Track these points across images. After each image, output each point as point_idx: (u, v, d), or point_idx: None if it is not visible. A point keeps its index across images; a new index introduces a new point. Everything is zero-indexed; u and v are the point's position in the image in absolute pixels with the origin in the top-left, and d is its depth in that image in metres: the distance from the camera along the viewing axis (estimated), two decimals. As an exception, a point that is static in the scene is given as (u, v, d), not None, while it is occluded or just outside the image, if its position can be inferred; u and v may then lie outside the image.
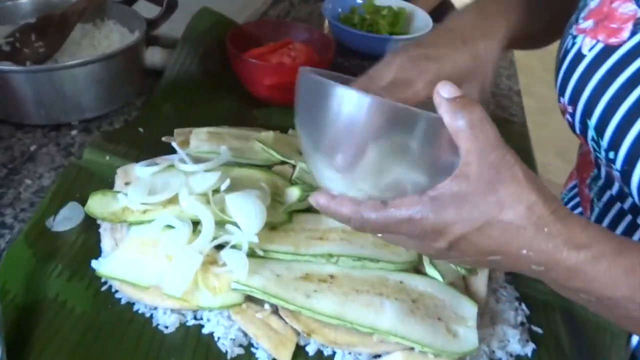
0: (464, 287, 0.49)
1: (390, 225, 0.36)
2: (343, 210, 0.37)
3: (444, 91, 0.35)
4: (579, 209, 0.61)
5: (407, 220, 0.35)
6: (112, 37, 0.74)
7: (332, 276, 0.47)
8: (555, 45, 0.59)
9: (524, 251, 0.34)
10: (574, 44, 0.47)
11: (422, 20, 0.94)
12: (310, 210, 0.53)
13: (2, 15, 0.72)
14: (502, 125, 0.81)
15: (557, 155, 2.12)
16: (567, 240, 0.34)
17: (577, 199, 0.63)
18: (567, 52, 0.48)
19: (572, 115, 0.47)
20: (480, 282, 0.50)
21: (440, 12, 1.31)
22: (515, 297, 0.51)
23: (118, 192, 0.52)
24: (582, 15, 0.47)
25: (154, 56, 0.77)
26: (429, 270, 0.49)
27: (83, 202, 0.53)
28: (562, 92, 0.48)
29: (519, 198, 0.34)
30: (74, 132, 0.65)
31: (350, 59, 0.89)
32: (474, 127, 0.34)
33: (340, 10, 0.95)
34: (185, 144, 0.60)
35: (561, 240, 0.34)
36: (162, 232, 0.48)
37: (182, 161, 0.54)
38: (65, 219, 0.52)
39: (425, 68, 0.43)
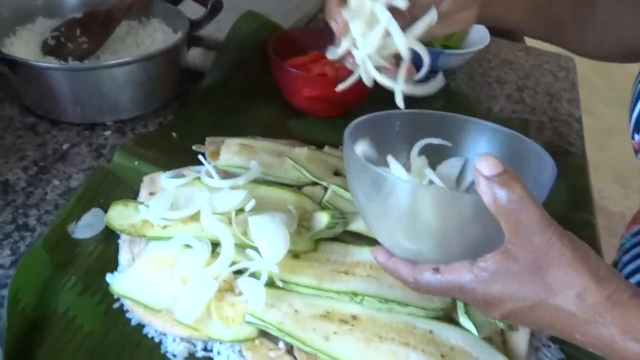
0: (501, 342, 0.44)
1: (444, 290, 0.36)
2: (400, 271, 0.39)
3: (483, 167, 0.32)
4: None
5: (459, 288, 0.35)
6: (156, 36, 0.73)
7: (354, 317, 0.43)
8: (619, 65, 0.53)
9: (578, 336, 0.30)
10: None
11: (478, 33, 0.88)
12: (337, 239, 0.50)
13: (50, 8, 0.72)
14: (558, 155, 0.74)
15: (614, 181, 1.98)
16: (624, 332, 0.31)
17: None
18: None
19: None
20: (520, 338, 0.45)
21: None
22: (559, 358, 0.46)
23: (140, 203, 0.50)
24: None
25: (195, 57, 0.76)
26: (463, 320, 0.44)
27: (107, 209, 0.51)
28: (638, 129, 0.42)
29: (568, 284, 0.31)
30: (107, 133, 0.64)
31: (398, 71, 0.84)
32: (516, 208, 0.31)
33: (392, 18, 0.90)
34: (215, 154, 0.58)
35: (617, 331, 0.31)
36: (180, 251, 0.46)
37: (209, 174, 0.52)
38: (87, 226, 0.51)
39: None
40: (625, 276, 0.54)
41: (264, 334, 0.42)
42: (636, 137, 0.43)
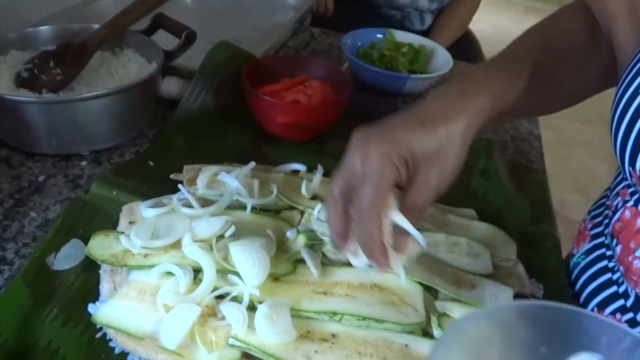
0: (473, 353, 0.47)
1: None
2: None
3: None
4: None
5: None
6: (130, 66, 0.74)
7: (334, 335, 0.45)
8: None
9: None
10: None
11: (442, 58, 0.93)
12: (315, 260, 0.52)
13: (22, 41, 0.73)
14: (520, 172, 0.78)
15: (575, 191, 2.07)
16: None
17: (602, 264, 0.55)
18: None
19: None
20: (491, 348, 0.47)
21: (463, 45, 1.31)
22: (527, 365, 0.48)
23: (121, 233, 0.51)
24: None
25: (169, 86, 0.77)
26: (437, 333, 0.46)
27: (86, 239, 0.52)
28: (633, 162, 0.44)
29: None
30: (83, 163, 0.65)
31: (367, 94, 0.88)
32: None
33: (359, 44, 0.94)
34: (193, 181, 0.60)
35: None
36: (161, 279, 0.47)
37: (187, 203, 0.53)
38: (66, 257, 0.51)
39: (384, 148, 0.40)
40: (586, 297, 0.54)
41: (247, 356, 0.43)
42: (638, 168, 0.44)
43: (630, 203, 0.50)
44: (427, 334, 0.47)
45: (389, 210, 0.41)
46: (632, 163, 0.44)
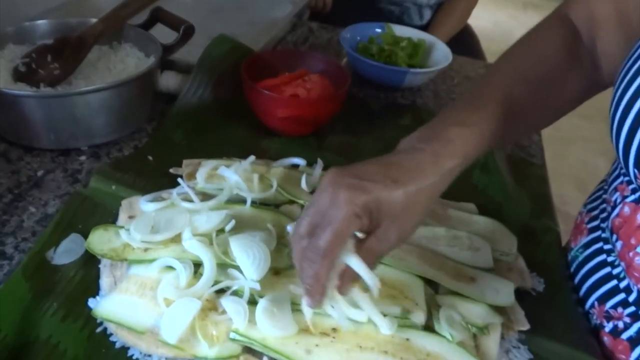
0: (474, 346, 0.47)
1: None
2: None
3: None
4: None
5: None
6: (128, 60, 0.74)
7: (335, 329, 0.45)
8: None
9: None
10: None
11: (441, 52, 0.92)
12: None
13: (20, 35, 0.72)
14: (520, 166, 0.78)
15: (575, 187, 2.07)
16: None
17: (600, 258, 0.54)
18: None
19: None
20: (492, 342, 0.47)
21: (462, 40, 1.30)
22: (528, 358, 0.48)
23: (121, 227, 0.51)
24: None
25: (168, 80, 0.77)
26: (438, 327, 0.46)
27: (85, 234, 0.52)
28: (639, 164, 0.44)
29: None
30: (82, 158, 0.65)
31: (366, 89, 0.87)
32: None
33: (358, 38, 0.94)
34: (192, 175, 0.59)
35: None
36: (161, 273, 0.47)
37: (187, 197, 0.53)
38: (66, 252, 0.51)
39: (353, 198, 0.41)
40: (586, 291, 0.54)
41: (248, 350, 0.43)
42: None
43: (631, 199, 0.50)
44: (428, 327, 0.47)
45: (343, 253, 0.41)
46: (638, 165, 0.44)
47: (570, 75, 0.54)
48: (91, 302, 0.46)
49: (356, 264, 0.41)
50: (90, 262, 0.50)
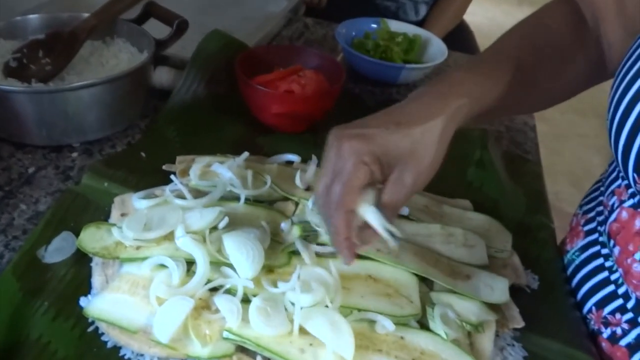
0: (468, 344, 0.47)
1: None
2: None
3: None
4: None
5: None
6: (121, 56, 0.73)
7: (330, 328, 0.45)
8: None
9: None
10: None
11: (437, 47, 0.92)
12: (310, 252, 0.51)
13: (10, 30, 0.71)
14: (515, 162, 0.78)
15: (570, 184, 2.08)
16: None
17: (598, 262, 0.53)
18: None
19: None
20: (486, 339, 0.47)
21: (457, 36, 1.30)
22: (523, 356, 0.48)
23: (113, 225, 0.50)
24: None
25: (161, 76, 0.76)
26: (433, 325, 0.46)
27: (77, 232, 0.51)
28: (639, 169, 0.43)
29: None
30: (74, 154, 0.64)
31: (361, 84, 0.87)
32: None
33: (354, 34, 0.93)
34: (186, 172, 0.59)
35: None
36: (154, 272, 0.46)
37: (180, 194, 0.52)
38: (57, 250, 0.50)
39: (357, 147, 0.41)
40: (583, 296, 0.54)
41: (241, 349, 0.43)
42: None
43: (628, 204, 0.49)
44: (422, 325, 0.47)
45: (360, 206, 0.41)
46: (638, 170, 0.44)
47: (578, 55, 0.54)
48: (82, 301, 0.46)
49: (372, 217, 0.41)
50: (81, 261, 0.49)
